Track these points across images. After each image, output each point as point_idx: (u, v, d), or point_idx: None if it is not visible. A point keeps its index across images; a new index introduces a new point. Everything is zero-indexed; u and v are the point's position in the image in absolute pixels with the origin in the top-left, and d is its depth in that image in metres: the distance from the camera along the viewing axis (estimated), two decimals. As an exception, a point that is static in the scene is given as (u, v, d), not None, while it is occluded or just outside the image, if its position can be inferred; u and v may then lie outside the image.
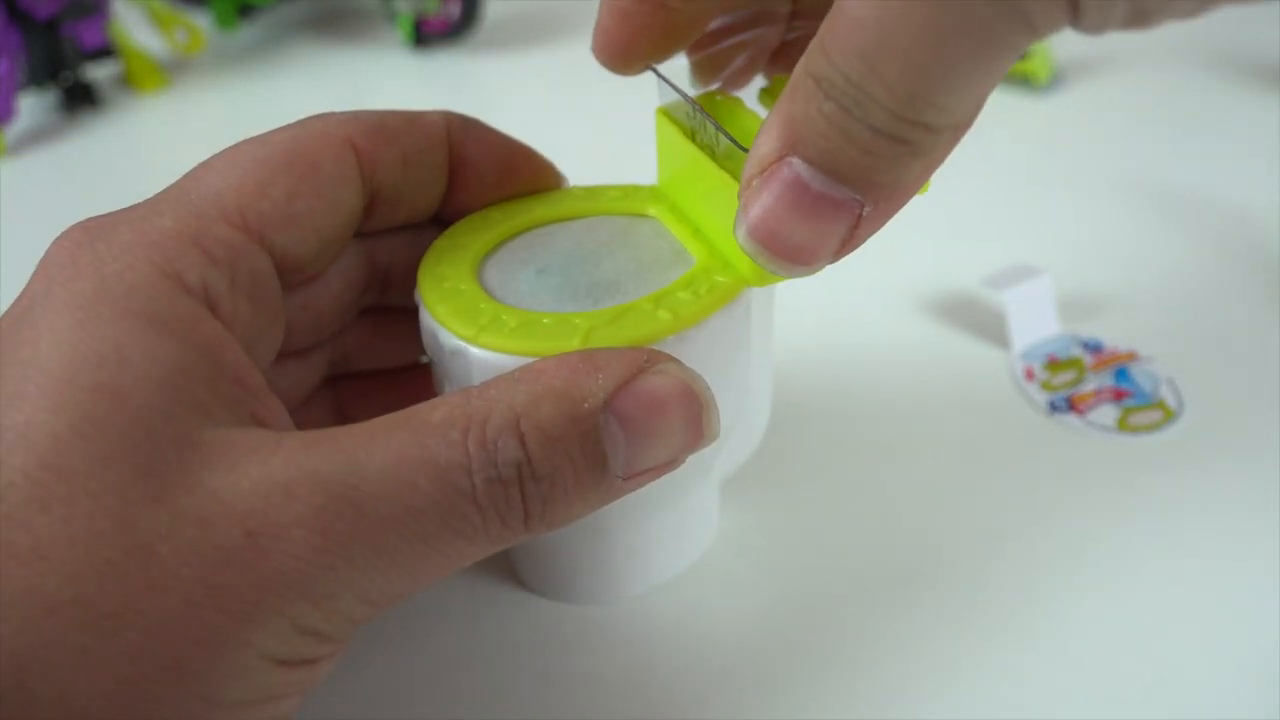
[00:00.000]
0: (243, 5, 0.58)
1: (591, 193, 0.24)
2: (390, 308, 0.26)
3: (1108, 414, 0.30)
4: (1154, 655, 0.23)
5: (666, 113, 0.23)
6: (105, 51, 0.52)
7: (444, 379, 0.22)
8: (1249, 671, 0.23)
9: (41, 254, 0.19)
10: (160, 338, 0.17)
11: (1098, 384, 0.31)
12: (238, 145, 0.21)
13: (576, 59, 0.56)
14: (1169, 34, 0.54)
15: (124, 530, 0.16)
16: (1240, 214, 0.39)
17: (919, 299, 0.35)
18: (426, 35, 0.56)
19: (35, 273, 0.19)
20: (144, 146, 0.50)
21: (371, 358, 0.26)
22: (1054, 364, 0.32)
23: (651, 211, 0.24)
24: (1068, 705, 0.22)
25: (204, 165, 0.21)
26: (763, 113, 0.23)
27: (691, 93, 0.22)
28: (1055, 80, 0.49)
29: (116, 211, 0.20)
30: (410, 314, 0.23)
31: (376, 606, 0.18)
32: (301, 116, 0.22)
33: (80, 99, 0.51)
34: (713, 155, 0.21)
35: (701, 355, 0.20)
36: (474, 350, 0.20)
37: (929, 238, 0.39)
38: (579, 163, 0.26)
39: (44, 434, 0.16)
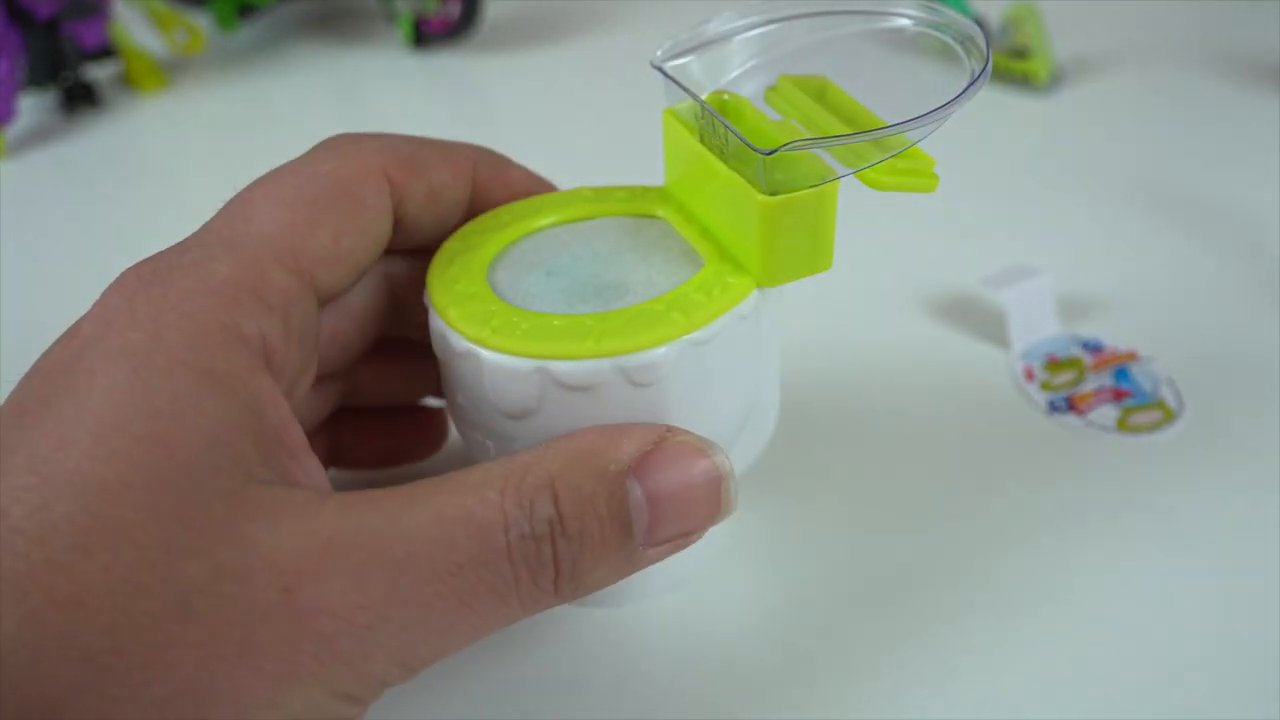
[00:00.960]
0: (243, 5, 0.58)
1: (600, 194, 0.25)
2: (401, 339, 0.26)
3: (1108, 414, 0.30)
4: (1154, 655, 0.23)
5: (674, 113, 0.23)
6: (105, 51, 0.52)
7: (453, 383, 0.22)
8: (1249, 671, 0.23)
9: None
10: (212, 392, 0.17)
11: (1098, 384, 0.31)
12: (279, 177, 0.21)
13: (577, 59, 0.57)
14: (1169, 34, 0.55)
15: (164, 582, 0.16)
16: (1240, 214, 0.39)
17: (919, 299, 0.35)
18: (426, 35, 0.56)
19: (90, 314, 0.19)
20: (144, 146, 0.50)
21: (379, 393, 0.27)
22: (1054, 364, 0.32)
23: (660, 213, 0.24)
24: (1068, 705, 0.22)
25: (248, 200, 0.21)
26: (770, 112, 0.23)
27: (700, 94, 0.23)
28: (1055, 80, 0.49)
29: (167, 253, 0.20)
30: (416, 349, 0.24)
31: (407, 669, 0.18)
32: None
33: (80, 99, 0.51)
34: (721, 155, 0.22)
35: (714, 356, 0.20)
36: (484, 353, 0.20)
37: (929, 238, 0.39)
38: (579, 163, 0.27)
39: (92, 481, 0.16)
